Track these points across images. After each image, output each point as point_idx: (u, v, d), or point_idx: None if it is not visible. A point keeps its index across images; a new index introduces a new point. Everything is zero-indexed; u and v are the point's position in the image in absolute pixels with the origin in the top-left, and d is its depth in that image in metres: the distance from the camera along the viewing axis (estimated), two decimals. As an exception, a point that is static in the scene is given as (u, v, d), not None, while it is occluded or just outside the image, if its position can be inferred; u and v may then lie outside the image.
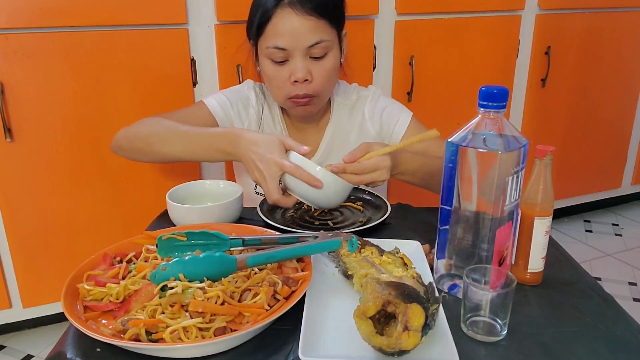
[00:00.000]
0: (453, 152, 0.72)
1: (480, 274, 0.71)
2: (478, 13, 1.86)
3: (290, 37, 1.02)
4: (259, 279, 0.73)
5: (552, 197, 0.78)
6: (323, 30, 1.04)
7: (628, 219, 2.54)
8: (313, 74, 1.06)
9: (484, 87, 0.71)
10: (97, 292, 0.72)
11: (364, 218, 1.02)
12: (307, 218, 1.04)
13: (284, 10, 1.01)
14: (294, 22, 1.01)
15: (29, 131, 1.44)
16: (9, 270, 1.56)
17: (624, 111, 2.34)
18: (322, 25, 1.04)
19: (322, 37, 1.04)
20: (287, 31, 1.02)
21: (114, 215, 1.60)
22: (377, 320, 0.62)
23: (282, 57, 1.05)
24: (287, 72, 1.06)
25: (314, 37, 1.03)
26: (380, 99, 1.23)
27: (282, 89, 1.09)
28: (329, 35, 1.05)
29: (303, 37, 1.03)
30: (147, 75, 1.51)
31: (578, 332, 0.69)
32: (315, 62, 1.06)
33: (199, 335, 0.64)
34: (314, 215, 1.05)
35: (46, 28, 1.38)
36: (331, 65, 1.08)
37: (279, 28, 1.02)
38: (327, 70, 1.07)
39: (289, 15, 1.01)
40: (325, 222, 1.02)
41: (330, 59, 1.07)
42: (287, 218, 1.04)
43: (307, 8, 1.01)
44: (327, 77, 1.09)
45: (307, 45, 1.03)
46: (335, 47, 1.08)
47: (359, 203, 1.09)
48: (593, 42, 2.11)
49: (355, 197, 1.11)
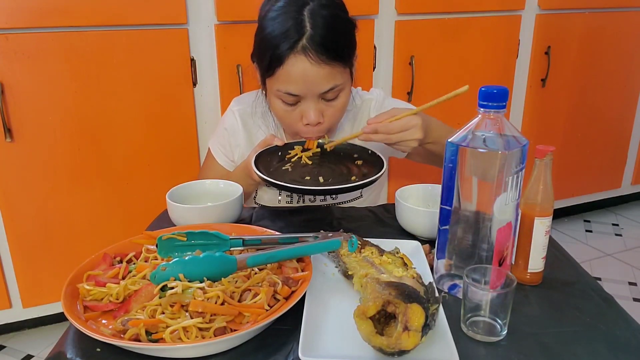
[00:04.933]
0: (453, 152, 0.72)
1: (480, 274, 0.71)
2: (478, 13, 1.86)
3: (303, 84, 0.98)
4: (259, 279, 0.72)
5: (552, 197, 0.78)
6: (337, 75, 1.00)
7: (628, 219, 2.54)
8: (325, 115, 1.04)
9: (484, 87, 0.71)
10: (97, 292, 0.72)
11: (357, 176, 0.99)
12: (300, 172, 1.00)
13: (297, 57, 0.96)
14: (307, 71, 0.96)
15: (29, 131, 1.44)
16: (9, 270, 1.56)
17: (624, 111, 2.34)
18: (336, 70, 0.99)
19: (336, 82, 1.00)
20: (300, 79, 0.97)
21: (114, 215, 1.60)
22: (377, 320, 0.62)
23: (294, 100, 1.02)
24: (298, 113, 1.03)
25: (328, 84, 0.99)
26: (386, 101, 1.22)
27: (294, 127, 1.07)
28: (343, 77, 1.02)
29: (316, 85, 0.99)
30: (147, 75, 1.51)
31: (578, 332, 0.69)
32: (328, 103, 1.03)
33: (199, 335, 0.64)
34: (309, 170, 1.01)
35: (46, 28, 1.38)
36: (343, 102, 1.05)
37: (292, 75, 0.97)
38: (339, 109, 1.05)
39: (302, 63, 0.96)
40: (316, 178, 0.98)
41: (342, 98, 1.04)
42: (282, 172, 1.01)
43: (323, 55, 0.96)
44: (339, 114, 1.07)
45: (320, 92, 1.00)
46: (347, 84, 1.04)
47: (359, 162, 1.05)
48: (593, 42, 2.11)
49: (357, 155, 1.07)
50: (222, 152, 1.22)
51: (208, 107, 1.62)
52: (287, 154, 1.06)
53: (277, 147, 1.06)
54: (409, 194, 1.00)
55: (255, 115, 1.20)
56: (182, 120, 1.60)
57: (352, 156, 1.07)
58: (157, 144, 1.58)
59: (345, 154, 1.07)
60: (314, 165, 1.04)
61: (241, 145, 1.20)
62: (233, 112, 1.20)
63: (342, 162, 1.05)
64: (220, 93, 1.61)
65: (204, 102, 1.61)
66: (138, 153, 1.57)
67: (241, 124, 1.19)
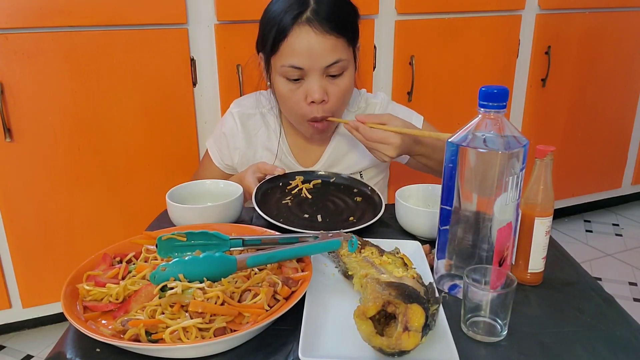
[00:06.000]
0: (453, 152, 0.72)
1: (480, 274, 0.71)
2: (478, 13, 1.86)
3: (307, 56, 0.99)
4: (259, 279, 0.72)
5: (552, 197, 0.78)
6: (341, 49, 1.01)
7: (628, 219, 2.54)
8: (329, 94, 1.04)
9: (484, 87, 0.71)
10: (97, 293, 0.72)
11: (355, 216, 1.00)
12: (300, 207, 1.01)
13: (302, 28, 0.97)
14: (312, 41, 0.97)
15: (28, 131, 1.44)
16: (8, 270, 1.56)
17: (624, 111, 2.34)
18: (340, 44, 1.00)
19: (340, 56, 1.00)
20: (305, 50, 0.98)
21: (114, 215, 1.60)
22: (377, 320, 0.62)
23: (298, 75, 1.02)
24: (302, 92, 1.03)
25: (332, 56, 1.00)
26: (390, 106, 1.22)
27: (298, 110, 1.06)
28: (347, 54, 1.02)
29: (321, 57, 0.99)
30: (147, 75, 1.51)
31: (578, 332, 0.69)
32: (332, 80, 1.03)
33: (198, 335, 0.64)
34: (308, 206, 1.02)
35: (46, 28, 1.38)
36: (347, 84, 1.05)
37: (296, 47, 0.98)
38: (343, 90, 1.05)
39: (306, 34, 0.97)
40: (314, 217, 0.99)
41: (346, 77, 1.04)
42: (282, 206, 1.02)
43: (326, 26, 0.97)
44: (343, 97, 1.07)
45: (325, 65, 1.00)
46: (351, 65, 1.05)
47: (358, 198, 1.07)
48: (593, 42, 2.11)
49: (357, 190, 1.09)
50: (218, 155, 1.24)
51: (208, 107, 1.62)
52: (288, 185, 1.08)
53: (278, 177, 1.08)
54: (409, 194, 1.00)
55: (255, 116, 1.20)
56: (182, 120, 1.60)
57: (352, 190, 1.09)
58: (157, 144, 1.58)
59: (345, 187, 1.10)
60: (314, 199, 1.05)
61: (240, 147, 1.20)
62: (232, 115, 1.21)
63: (341, 197, 1.07)
64: (220, 93, 1.61)
65: (203, 102, 1.61)
66: (138, 153, 1.57)
67: (240, 126, 1.19)
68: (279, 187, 1.08)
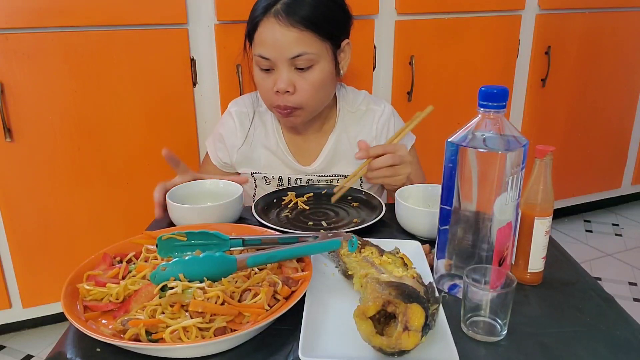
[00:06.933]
0: (453, 152, 0.72)
1: (480, 274, 0.71)
2: (478, 13, 1.86)
3: (272, 47, 1.02)
4: (259, 279, 0.72)
5: (552, 197, 0.78)
6: (307, 43, 1.02)
7: (628, 219, 2.54)
8: (297, 86, 1.05)
9: (484, 87, 0.71)
10: (97, 292, 0.72)
11: (358, 219, 1.01)
12: (301, 218, 1.03)
13: (269, 19, 1.01)
14: (276, 33, 1.01)
15: (28, 131, 1.44)
16: (8, 270, 1.56)
17: (624, 111, 2.34)
18: (306, 37, 1.02)
19: (305, 49, 1.02)
20: (270, 41, 1.02)
21: (114, 215, 1.60)
22: (377, 320, 0.62)
23: (267, 65, 1.05)
24: (271, 81, 1.06)
25: (296, 49, 1.02)
26: (392, 121, 1.22)
27: (268, 97, 1.10)
28: (316, 48, 1.04)
29: (285, 48, 1.02)
30: (147, 75, 1.51)
31: (578, 332, 0.69)
32: (300, 73, 1.05)
33: (199, 335, 0.64)
34: (308, 216, 1.04)
35: (46, 28, 1.38)
36: (317, 78, 1.06)
37: (263, 37, 1.03)
38: (311, 84, 1.06)
39: (272, 26, 1.01)
40: (318, 223, 1.00)
41: (316, 71, 1.05)
42: (282, 218, 1.03)
43: (292, 19, 1.00)
44: (313, 90, 1.07)
45: (289, 57, 1.02)
46: (324, 60, 1.06)
47: (355, 204, 1.08)
48: (593, 42, 2.11)
49: (352, 197, 1.10)
50: (215, 154, 1.25)
51: (208, 107, 1.62)
52: (282, 200, 1.10)
53: (271, 193, 1.10)
54: (409, 194, 1.00)
55: (253, 115, 1.21)
56: (182, 120, 1.60)
57: (347, 198, 1.10)
58: (157, 144, 1.58)
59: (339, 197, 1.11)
60: (312, 210, 1.06)
61: (238, 145, 1.21)
62: (230, 114, 1.22)
63: (338, 205, 1.08)
64: (220, 93, 1.61)
65: (203, 102, 1.61)
66: (138, 153, 1.57)
67: (238, 124, 1.20)
68: (274, 202, 1.09)
